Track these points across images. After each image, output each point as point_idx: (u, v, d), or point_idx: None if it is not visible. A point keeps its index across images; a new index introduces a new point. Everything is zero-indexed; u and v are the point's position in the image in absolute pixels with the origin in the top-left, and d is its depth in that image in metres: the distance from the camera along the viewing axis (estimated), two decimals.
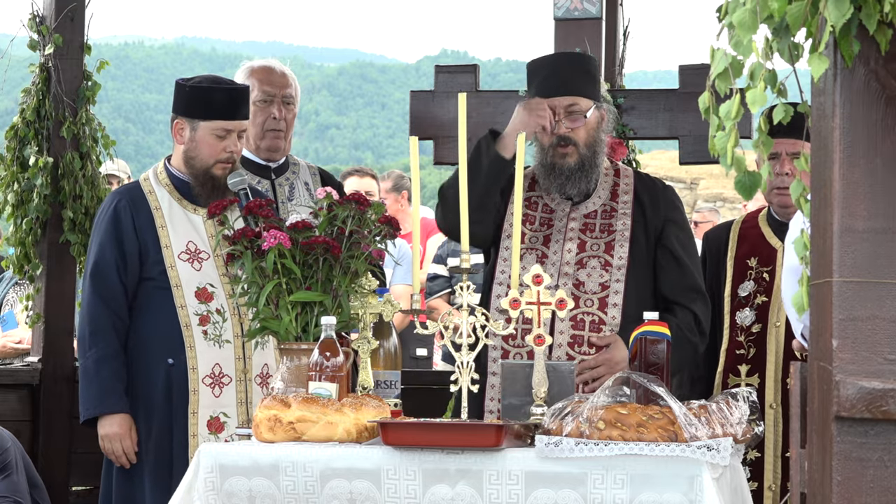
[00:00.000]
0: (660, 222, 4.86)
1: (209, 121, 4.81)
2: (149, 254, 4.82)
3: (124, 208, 4.86)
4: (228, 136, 4.82)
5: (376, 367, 4.25)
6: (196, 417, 4.76)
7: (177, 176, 4.92)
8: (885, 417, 2.72)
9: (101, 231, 4.89)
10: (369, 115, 71.24)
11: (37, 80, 6.42)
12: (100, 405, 4.76)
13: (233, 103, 4.83)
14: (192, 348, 4.76)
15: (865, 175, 2.79)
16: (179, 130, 4.87)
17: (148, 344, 4.80)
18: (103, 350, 4.76)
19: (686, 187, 22.54)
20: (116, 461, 4.80)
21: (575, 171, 4.81)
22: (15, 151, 6.35)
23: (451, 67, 6.20)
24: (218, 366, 4.77)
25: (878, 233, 2.78)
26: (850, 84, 2.78)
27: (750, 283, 5.08)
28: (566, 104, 4.79)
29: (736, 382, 5.00)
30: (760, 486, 4.91)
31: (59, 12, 6.40)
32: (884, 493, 2.75)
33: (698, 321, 4.77)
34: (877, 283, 2.76)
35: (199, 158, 4.84)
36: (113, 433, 4.76)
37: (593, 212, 4.89)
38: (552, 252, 4.83)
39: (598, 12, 6.03)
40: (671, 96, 6.04)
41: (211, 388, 4.75)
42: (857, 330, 2.77)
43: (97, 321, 4.79)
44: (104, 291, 4.81)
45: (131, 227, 4.82)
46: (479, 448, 3.67)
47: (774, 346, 4.98)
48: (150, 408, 4.79)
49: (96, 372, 4.76)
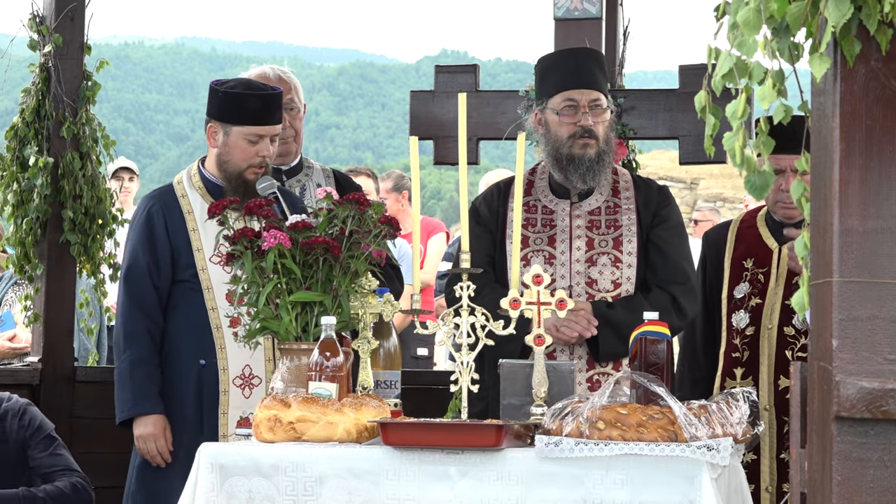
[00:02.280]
0: (650, 219, 4.90)
1: (242, 126, 4.84)
2: (181, 257, 4.86)
3: (157, 213, 4.91)
4: (261, 140, 4.85)
5: (376, 367, 4.25)
6: (226, 418, 4.81)
7: (210, 179, 4.95)
8: (885, 417, 2.72)
9: (134, 236, 4.95)
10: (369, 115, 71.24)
11: (37, 80, 6.42)
12: (134, 407, 4.83)
13: (266, 108, 4.85)
14: (222, 349, 4.81)
15: (865, 175, 2.78)
16: (213, 134, 4.90)
17: (180, 345, 4.86)
18: (137, 353, 4.83)
19: (686, 187, 22.54)
20: (152, 461, 4.86)
21: (595, 162, 4.85)
22: (15, 151, 6.36)
23: (451, 67, 6.20)
24: (248, 367, 4.82)
25: (878, 233, 2.78)
26: (851, 84, 2.78)
27: (745, 284, 5.08)
28: (591, 98, 4.84)
29: (732, 385, 5.00)
30: (757, 487, 4.91)
31: (59, 12, 6.40)
32: (884, 493, 2.75)
33: (676, 303, 4.79)
34: (877, 283, 2.76)
35: (231, 162, 4.87)
36: (148, 433, 4.82)
37: (597, 209, 4.91)
38: (559, 252, 4.85)
39: (598, 12, 6.03)
40: (671, 96, 6.04)
41: (241, 389, 4.79)
42: (857, 330, 2.77)
43: (130, 325, 4.85)
44: (137, 295, 4.86)
45: (164, 231, 4.87)
46: (479, 448, 3.67)
47: (767, 348, 4.98)
48: (183, 408, 4.85)
49: (130, 374, 4.83)
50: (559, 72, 4.90)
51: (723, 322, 5.11)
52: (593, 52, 5.18)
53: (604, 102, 4.87)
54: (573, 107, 4.85)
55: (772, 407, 4.94)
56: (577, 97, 4.84)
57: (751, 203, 11.49)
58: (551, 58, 5.02)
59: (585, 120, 4.83)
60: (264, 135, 4.85)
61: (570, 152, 4.84)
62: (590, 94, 4.85)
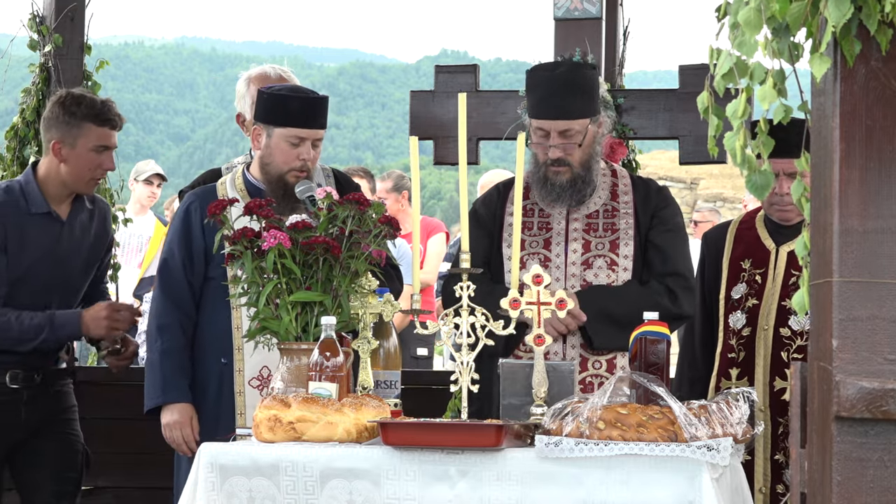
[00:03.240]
0: (648, 221, 4.89)
1: (283, 128, 4.85)
2: (214, 254, 4.87)
3: (195, 209, 4.94)
4: (302, 143, 4.85)
5: (376, 367, 4.25)
6: (243, 418, 4.81)
7: (252, 183, 4.97)
8: (885, 417, 2.72)
9: (172, 231, 5.00)
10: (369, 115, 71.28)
11: (37, 80, 6.42)
12: (161, 395, 4.85)
13: (308, 111, 4.86)
14: (239, 350, 4.83)
15: (865, 175, 2.79)
16: (257, 136, 4.92)
17: (206, 342, 4.89)
18: (168, 344, 4.85)
19: (686, 187, 22.56)
20: (178, 449, 4.87)
21: (567, 187, 4.83)
22: (15, 151, 6.36)
23: (451, 67, 6.20)
24: (266, 368, 4.81)
25: (878, 233, 2.78)
26: (850, 84, 2.78)
27: (742, 285, 5.09)
28: (560, 129, 4.78)
29: (728, 386, 5.01)
30: (751, 488, 4.92)
31: (59, 12, 6.41)
32: (884, 493, 2.75)
33: (671, 292, 4.79)
34: (877, 283, 2.76)
35: (273, 165, 4.88)
36: (174, 421, 4.82)
37: (595, 212, 4.90)
38: (554, 255, 4.84)
39: (598, 12, 6.03)
40: (671, 96, 6.05)
41: (259, 390, 4.79)
42: (857, 330, 2.77)
43: (163, 317, 4.89)
44: (170, 289, 4.90)
45: (199, 227, 4.90)
46: (479, 448, 3.67)
47: (763, 349, 4.99)
48: (206, 403, 4.87)
49: (160, 364, 4.85)
50: (534, 96, 4.83)
51: (720, 322, 5.11)
52: (571, 74, 4.90)
53: (577, 128, 4.78)
54: (544, 135, 4.82)
55: (767, 408, 4.95)
56: (547, 127, 4.80)
57: (750, 203, 11.50)
58: (532, 77, 4.90)
59: (553, 153, 4.79)
60: (306, 137, 4.85)
61: (546, 174, 4.84)
62: (558, 125, 4.78)
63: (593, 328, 4.71)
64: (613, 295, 4.76)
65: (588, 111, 4.80)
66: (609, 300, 4.74)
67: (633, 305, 4.55)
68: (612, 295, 4.77)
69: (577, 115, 4.78)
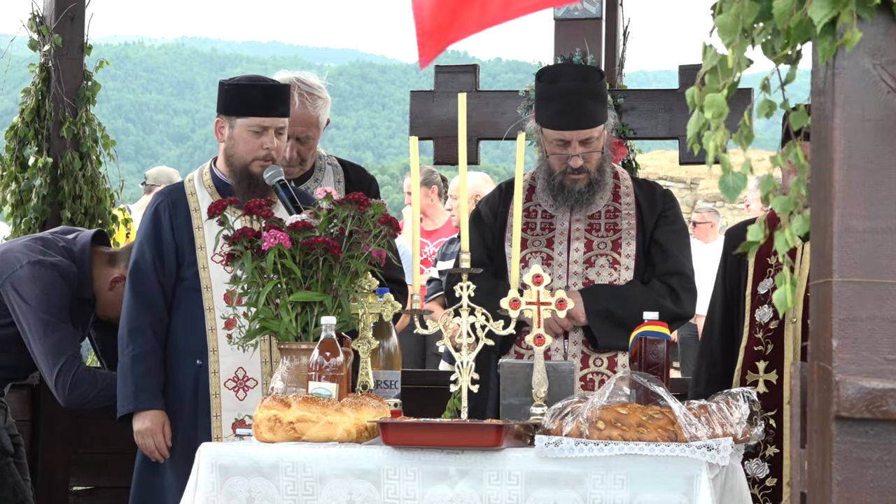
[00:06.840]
0: (653, 221, 4.92)
1: (245, 117, 4.82)
2: (184, 255, 4.85)
3: (164, 209, 4.90)
4: (265, 132, 4.82)
5: (376, 367, 4.25)
6: (219, 420, 4.78)
7: (219, 178, 4.94)
8: (885, 417, 2.72)
9: (141, 231, 4.95)
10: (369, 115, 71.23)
11: (37, 80, 6.42)
12: (134, 401, 4.82)
13: (269, 100, 4.83)
14: (214, 352, 4.79)
15: (865, 175, 2.78)
16: (220, 129, 4.89)
17: (179, 344, 4.85)
18: (139, 348, 4.82)
19: (686, 187, 22.54)
20: (150, 456, 4.85)
21: (585, 192, 4.89)
22: (14, 151, 6.36)
23: (451, 67, 6.20)
24: (242, 369, 4.79)
25: (878, 233, 2.78)
26: (851, 84, 2.78)
27: (769, 280, 5.09)
28: (583, 137, 4.82)
29: (754, 379, 5.00)
30: (779, 481, 4.91)
31: (59, 12, 6.40)
32: (884, 493, 2.75)
33: (673, 291, 4.81)
34: (877, 283, 2.76)
35: (237, 156, 4.85)
36: (146, 429, 4.80)
37: (597, 213, 4.93)
38: (557, 253, 4.86)
39: (598, 12, 6.03)
40: (671, 96, 6.05)
41: (234, 392, 4.77)
42: (857, 330, 2.77)
43: (134, 320, 4.85)
44: (141, 291, 4.86)
45: (169, 228, 4.86)
46: (479, 448, 3.67)
47: (792, 342, 4.99)
48: (181, 406, 4.85)
49: (131, 369, 4.82)
50: (552, 107, 4.84)
51: (745, 318, 5.10)
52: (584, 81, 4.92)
53: (596, 134, 4.84)
54: (563, 145, 4.84)
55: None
56: (568, 137, 4.83)
57: (752, 204, 11.47)
58: (548, 87, 4.86)
59: (576, 161, 4.83)
60: (268, 126, 4.82)
61: (562, 182, 4.86)
62: (581, 134, 4.83)
63: (597, 328, 4.72)
64: (617, 294, 4.78)
65: (604, 116, 4.88)
66: (612, 300, 4.75)
67: (636, 305, 4.57)
68: (615, 294, 4.78)
69: (598, 122, 4.86)
